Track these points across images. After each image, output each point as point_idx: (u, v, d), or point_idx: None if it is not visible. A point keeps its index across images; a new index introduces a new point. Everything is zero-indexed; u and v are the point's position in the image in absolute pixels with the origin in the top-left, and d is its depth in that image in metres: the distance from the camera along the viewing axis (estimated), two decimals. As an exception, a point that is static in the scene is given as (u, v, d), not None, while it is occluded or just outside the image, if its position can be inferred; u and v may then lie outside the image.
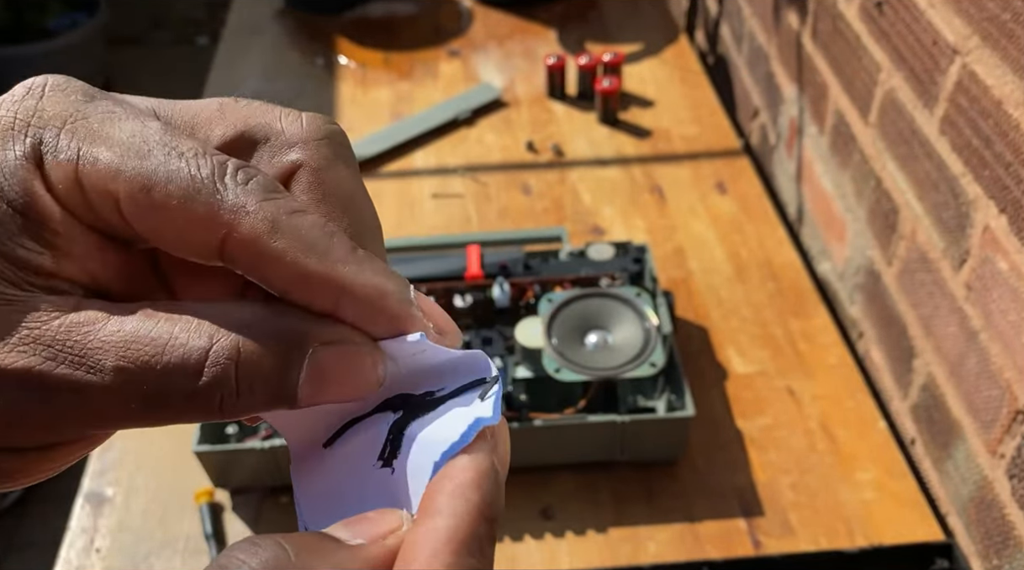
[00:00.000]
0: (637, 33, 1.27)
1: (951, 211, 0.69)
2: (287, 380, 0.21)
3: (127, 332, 0.20)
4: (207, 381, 0.20)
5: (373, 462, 0.23)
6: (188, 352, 0.20)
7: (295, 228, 0.21)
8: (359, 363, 0.22)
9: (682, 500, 0.72)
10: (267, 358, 0.21)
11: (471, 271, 0.79)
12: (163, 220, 0.21)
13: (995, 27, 0.61)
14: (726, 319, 0.86)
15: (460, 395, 0.23)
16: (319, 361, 0.21)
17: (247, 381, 0.21)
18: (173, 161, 0.21)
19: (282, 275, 0.21)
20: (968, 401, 0.68)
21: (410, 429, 0.23)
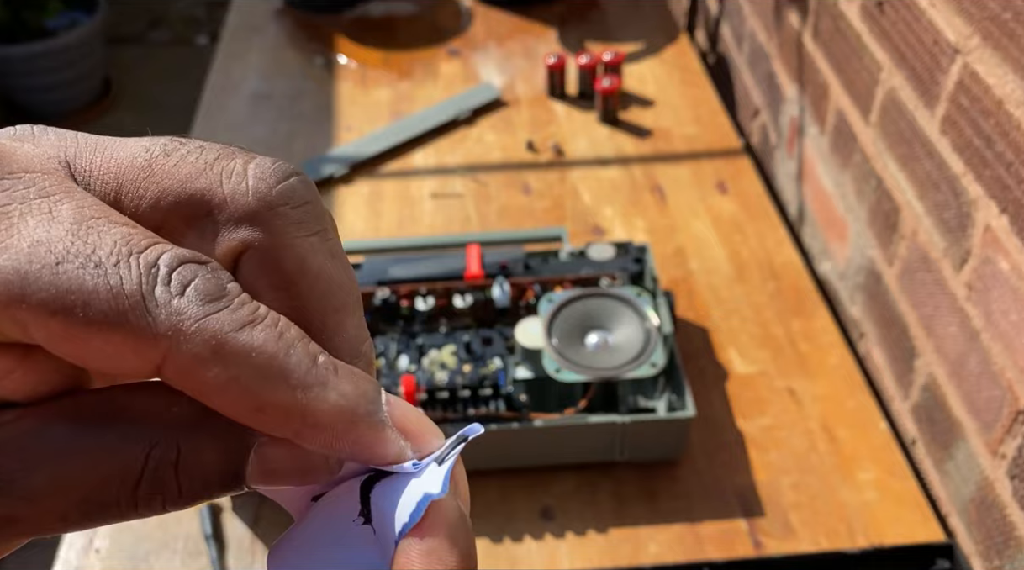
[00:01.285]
0: (637, 32, 1.27)
1: (952, 211, 0.69)
2: (232, 476, 0.20)
3: (55, 446, 0.18)
4: (146, 490, 0.19)
5: (354, 518, 0.22)
6: (124, 461, 0.19)
7: (243, 351, 0.18)
8: (307, 455, 0.20)
9: (683, 501, 0.72)
10: (209, 457, 0.19)
11: (471, 271, 0.79)
12: (84, 349, 0.18)
13: (996, 26, 0.61)
14: (727, 319, 0.86)
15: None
16: (265, 455, 0.20)
17: (188, 481, 0.19)
18: (89, 275, 0.17)
19: (231, 406, 0.18)
20: (969, 401, 0.68)
21: (374, 493, 0.22)
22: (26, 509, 0.19)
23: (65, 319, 0.17)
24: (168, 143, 0.20)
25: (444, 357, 0.75)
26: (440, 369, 0.74)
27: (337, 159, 1.05)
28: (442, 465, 0.22)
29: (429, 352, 0.76)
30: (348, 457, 0.21)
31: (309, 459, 0.20)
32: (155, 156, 0.20)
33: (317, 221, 0.21)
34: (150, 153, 0.20)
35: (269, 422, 0.19)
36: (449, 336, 0.78)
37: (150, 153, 0.20)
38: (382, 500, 0.21)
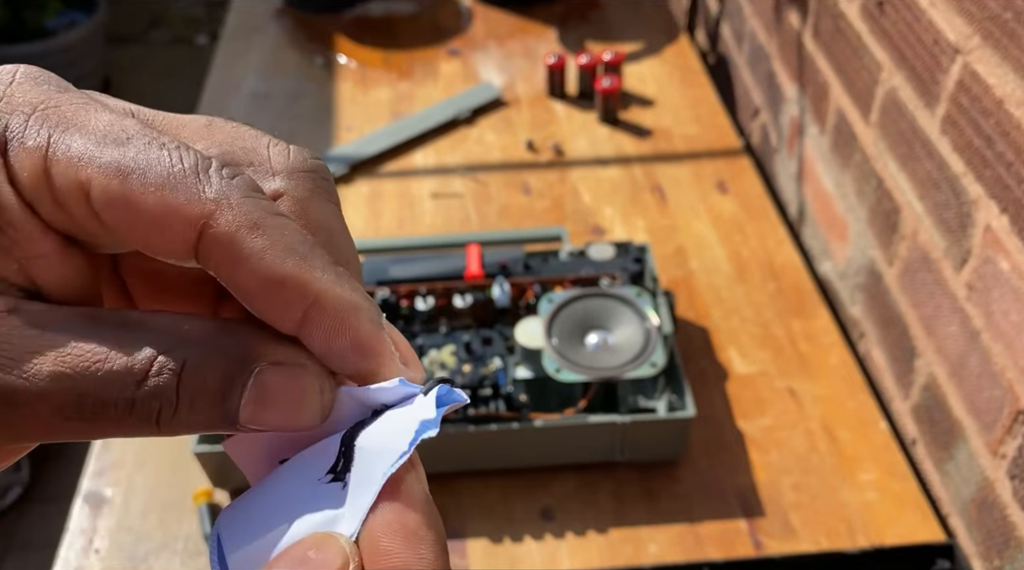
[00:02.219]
0: (638, 32, 1.27)
1: (952, 211, 0.68)
2: (229, 398, 0.20)
3: (68, 337, 0.19)
4: (148, 391, 0.19)
5: (321, 476, 0.22)
6: (132, 361, 0.19)
7: (277, 228, 0.20)
8: (305, 387, 0.21)
9: (683, 501, 0.72)
10: (211, 374, 0.20)
11: (471, 271, 0.79)
12: (137, 211, 0.20)
13: (996, 26, 0.60)
14: (727, 319, 0.86)
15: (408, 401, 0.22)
16: (264, 381, 0.20)
17: (188, 396, 0.20)
18: (153, 150, 0.20)
19: (257, 275, 0.20)
20: (969, 401, 0.68)
21: (359, 439, 0.22)
22: (26, 392, 0.19)
23: (126, 180, 0.19)
24: (228, 118, 0.23)
25: (444, 357, 0.75)
26: (440, 369, 0.74)
27: (337, 159, 1.05)
28: (428, 395, 0.22)
29: (429, 352, 0.76)
30: (346, 364, 0.22)
31: (304, 393, 0.21)
32: (215, 121, 0.23)
33: (336, 196, 0.24)
34: (211, 119, 0.23)
35: (287, 295, 0.20)
36: (449, 336, 0.77)
37: (211, 119, 0.23)
38: (369, 441, 0.21)
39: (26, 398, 0.19)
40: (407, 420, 0.21)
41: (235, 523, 0.22)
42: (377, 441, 0.21)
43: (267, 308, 0.21)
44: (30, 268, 0.21)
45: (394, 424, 0.21)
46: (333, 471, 0.22)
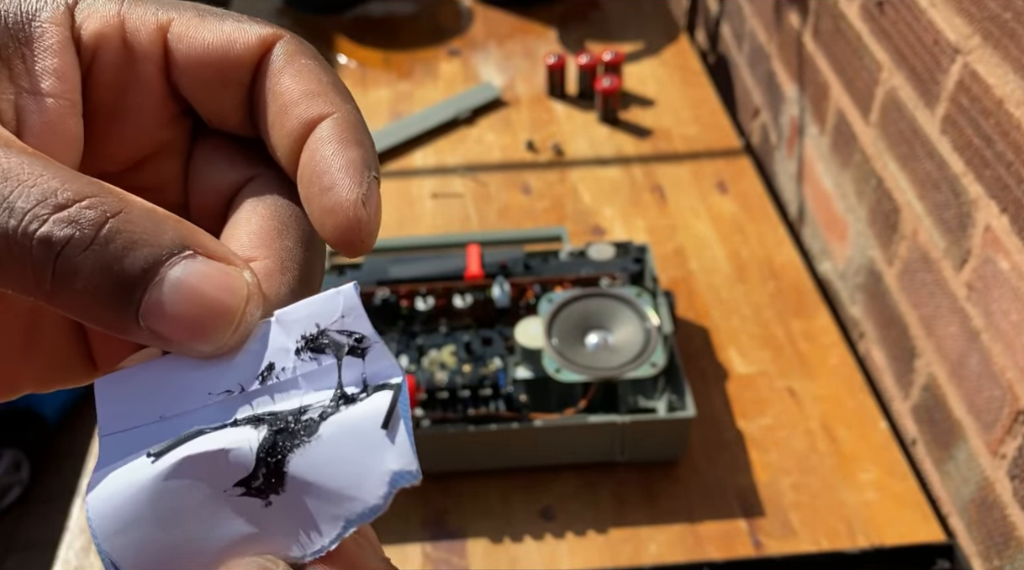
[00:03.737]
0: (637, 32, 1.27)
1: (952, 211, 0.68)
2: (144, 278, 0.18)
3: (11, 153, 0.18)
4: (54, 232, 0.17)
5: (228, 487, 0.19)
6: (48, 192, 0.18)
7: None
8: (233, 286, 0.19)
9: (683, 501, 0.72)
10: (140, 238, 0.18)
11: (471, 271, 0.79)
12: (209, 37, 0.21)
13: (996, 26, 0.60)
14: (727, 319, 0.86)
15: (343, 407, 0.20)
16: (191, 268, 0.19)
17: (103, 251, 0.18)
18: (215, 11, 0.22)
19: (300, 84, 0.22)
20: (969, 401, 0.68)
21: (293, 464, 0.19)
22: None
23: (202, 17, 0.22)
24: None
25: (444, 357, 0.75)
26: (440, 369, 0.74)
27: (337, 159, 1.05)
28: (393, 435, 0.19)
29: (429, 352, 0.76)
30: (330, 187, 0.21)
31: (230, 293, 0.19)
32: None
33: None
34: None
35: (314, 103, 0.22)
36: (449, 336, 0.77)
37: None
38: (311, 472, 0.19)
39: None
40: (369, 461, 0.19)
41: (120, 526, 0.19)
42: (325, 476, 0.19)
43: (294, 111, 0.21)
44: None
45: (348, 461, 0.19)
46: (247, 486, 0.19)
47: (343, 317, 0.20)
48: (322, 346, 0.20)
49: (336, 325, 0.20)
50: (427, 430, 0.69)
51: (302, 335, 0.20)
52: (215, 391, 0.20)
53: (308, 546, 0.19)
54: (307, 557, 0.19)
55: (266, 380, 0.20)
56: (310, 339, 0.20)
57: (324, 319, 0.20)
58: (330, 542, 0.19)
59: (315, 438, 0.19)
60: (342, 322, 0.20)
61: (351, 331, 0.20)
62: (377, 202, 0.21)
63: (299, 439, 0.19)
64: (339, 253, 0.22)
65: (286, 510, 0.19)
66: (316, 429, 0.19)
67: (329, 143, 0.21)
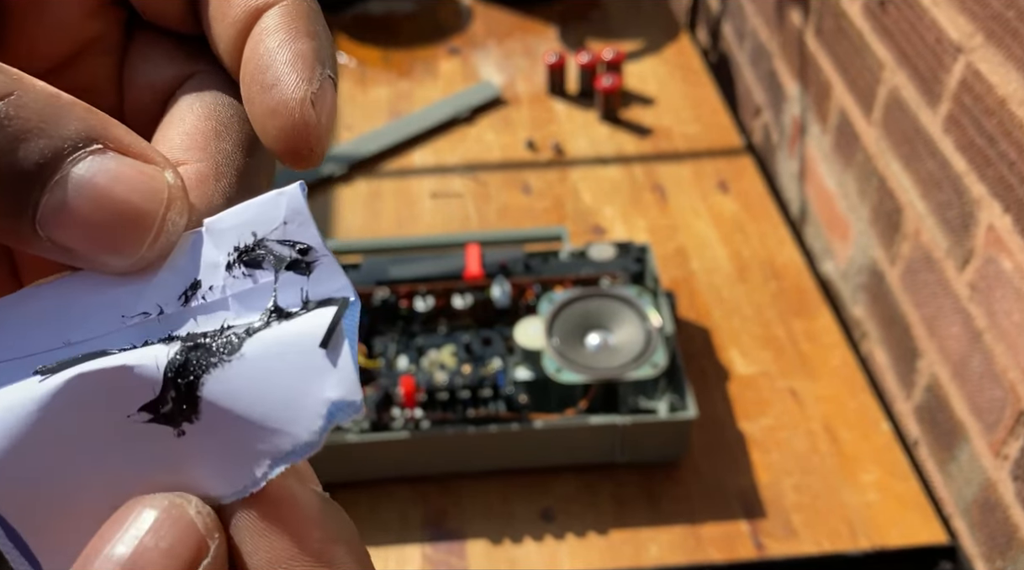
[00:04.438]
0: (638, 31, 1.26)
1: (955, 210, 0.68)
2: (33, 172, 0.15)
3: None
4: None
5: (132, 412, 0.16)
6: None
7: None
8: (152, 185, 0.16)
9: (684, 502, 0.72)
10: (37, 127, 0.15)
11: (471, 271, 0.79)
12: None
13: (999, 25, 0.60)
14: (728, 319, 0.86)
15: (275, 322, 0.17)
16: (101, 165, 0.16)
17: (5, 135, 0.15)
18: None
19: None
20: (972, 402, 0.67)
21: (208, 387, 0.16)
22: None
23: None
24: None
25: (443, 357, 0.75)
26: (439, 370, 0.74)
27: (336, 158, 1.05)
28: (333, 351, 0.16)
29: (428, 352, 0.76)
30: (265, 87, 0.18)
31: (149, 193, 0.16)
32: None
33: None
34: None
35: None
36: (449, 336, 0.77)
37: None
38: (233, 400, 0.16)
39: None
40: (302, 387, 0.16)
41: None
42: (247, 404, 0.16)
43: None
44: None
45: (276, 386, 0.16)
46: (154, 411, 0.16)
47: (285, 224, 0.17)
48: (258, 259, 0.17)
49: (276, 234, 0.17)
50: (427, 431, 0.69)
51: (235, 246, 0.17)
52: (130, 313, 0.17)
53: (229, 484, 0.16)
54: (227, 497, 0.16)
55: (190, 300, 0.17)
56: (244, 251, 0.17)
57: (262, 227, 0.17)
58: (253, 482, 0.16)
59: (236, 357, 0.16)
60: (284, 229, 0.17)
61: (294, 241, 0.17)
62: (331, 105, 0.18)
63: (216, 357, 0.16)
64: (285, 165, 0.18)
65: (202, 441, 0.16)
66: (239, 347, 0.16)
67: (275, 33, 0.18)
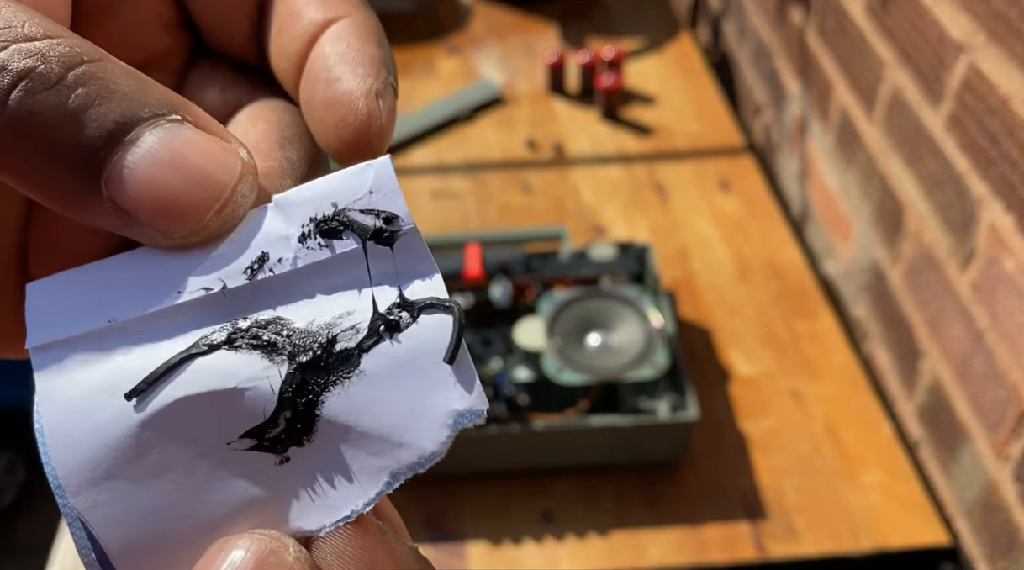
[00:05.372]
0: (639, 29, 1.26)
1: (957, 210, 0.68)
2: (109, 129, 0.15)
3: None
4: (12, 61, 0.14)
5: (231, 440, 0.15)
6: (14, 21, 0.15)
7: None
8: (224, 158, 0.16)
9: (685, 503, 0.71)
10: (107, 88, 0.15)
11: (471, 271, 0.79)
12: None
13: (1001, 24, 0.60)
14: (729, 320, 0.86)
15: (387, 335, 0.16)
16: (173, 133, 0.15)
17: (61, 97, 0.14)
18: None
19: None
20: (974, 402, 0.67)
21: (328, 405, 0.15)
22: None
23: None
24: None
25: (444, 358, 0.75)
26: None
27: (336, 158, 1.04)
28: (459, 367, 0.15)
29: (428, 353, 0.75)
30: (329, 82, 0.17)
31: (218, 162, 0.16)
32: None
33: None
34: None
35: None
36: (449, 337, 0.77)
37: None
38: (354, 415, 0.15)
39: None
40: (427, 401, 0.15)
41: (94, 480, 0.15)
42: (369, 420, 0.15)
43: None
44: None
45: (399, 401, 0.15)
46: (259, 436, 0.15)
47: (371, 193, 0.16)
48: (337, 229, 0.16)
49: (360, 204, 0.16)
50: (426, 432, 0.69)
51: (311, 217, 0.16)
52: (187, 289, 0.15)
53: (333, 513, 0.15)
54: (326, 528, 0.15)
55: (256, 274, 0.16)
56: (321, 221, 0.16)
57: (344, 198, 0.16)
58: (364, 504, 0.15)
59: (356, 374, 0.15)
60: (369, 199, 0.16)
61: (379, 210, 0.16)
62: (392, 107, 0.18)
63: (335, 375, 0.15)
64: (340, 162, 0.18)
65: (307, 467, 0.15)
66: (357, 363, 0.15)
67: (341, 39, 0.18)
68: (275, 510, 0.15)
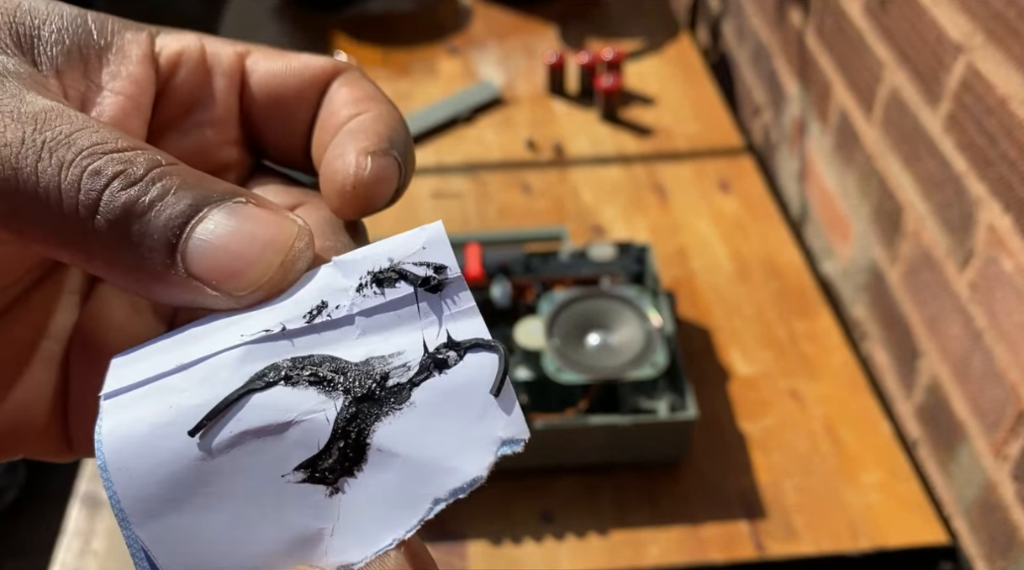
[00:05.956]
0: (639, 30, 1.26)
1: (955, 210, 0.68)
2: (184, 212, 0.17)
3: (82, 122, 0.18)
4: (106, 166, 0.17)
5: (285, 473, 0.16)
6: (108, 138, 0.18)
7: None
8: (280, 226, 0.18)
9: (684, 503, 0.72)
10: (182, 182, 0.18)
11: (471, 271, 0.79)
12: (287, 68, 0.23)
13: (1000, 24, 0.60)
14: (729, 319, 0.86)
15: (436, 372, 0.17)
16: (236, 208, 0.18)
17: (143, 192, 0.17)
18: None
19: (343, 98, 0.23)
20: (973, 402, 0.67)
21: (379, 434, 0.16)
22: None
23: (281, 54, 0.24)
24: None
25: (444, 358, 0.75)
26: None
27: (336, 158, 1.04)
28: (503, 399, 0.16)
29: (429, 353, 0.75)
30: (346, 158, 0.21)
31: (276, 228, 0.18)
32: None
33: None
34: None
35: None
36: (449, 337, 0.77)
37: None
38: (403, 444, 0.16)
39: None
40: (473, 430, 0.16)
41: (156, 510, 0.16)
42: (417, 448, 0.16)
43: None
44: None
45: (447, 430, 0.16)
46: (312, 468, 0.16)
47: (423, 249, 0.17)
48: (391, 278, 0.17)
49: (414, 258, 0.17)
50: (427, 431, 0.69)
51: (368, 270, 0.17)
52: (249, 332, 0.16)
53: (375, 543, 0.16)
54: (367, 558, 0.16)
55: (314, 319, 0.17)
56: (378, 273, 0.17)
57: (400, 254, 0.17)
58: (406, 531, 0.16)
59: (407, 405, 0.16)
60: (421, 254, 0.17)
61: (431, 262, 0.17)
62: (387, 165, 0.20)
63: (388, 407, 0.16)
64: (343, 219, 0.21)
65: (356, 498, 0.16)
66: (408, 396, 0.16)
67: (358, 126, 0.22)
68: (322, 543, 0.16)
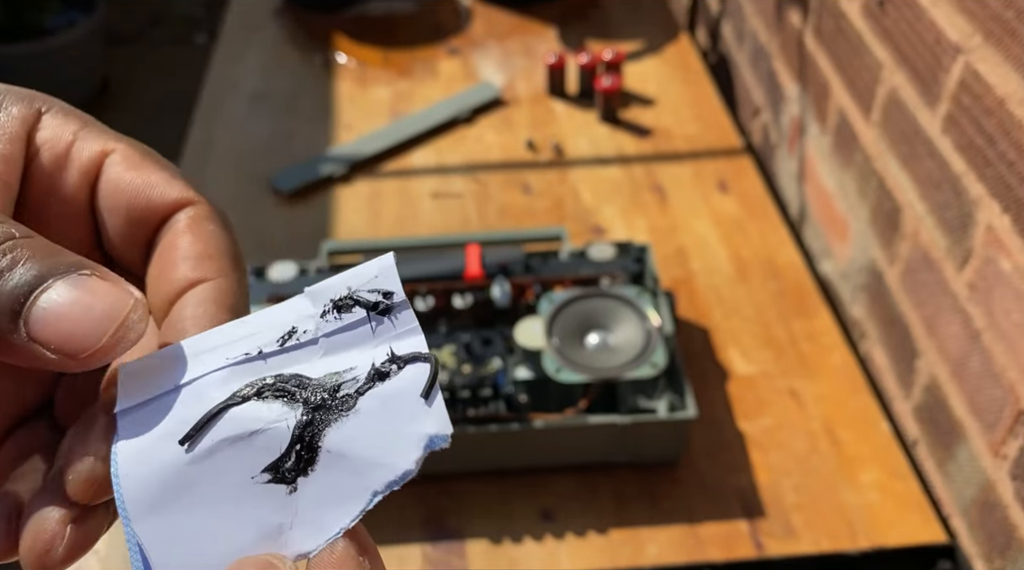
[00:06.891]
0: (638, 31, 1.27)
1: (954, 210, 0.68)
2: (30, 282, 0.19)
3: None
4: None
5: (254, 475, 0.19)
6: None
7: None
8: (115, 293, 0.20)
9: (683, 502, 0.72)
10: (31, 254, 0.19)
11: (471, 271, 0.79)
12: (147, 176, 0.23)
13: (998, 25, 0.60)
14: (728, 319, 0.86)
15: (378, 382, 0.20)
16: (77, 280, 0.19)
17: (14, 256, 0.19)
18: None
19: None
20: (971, 402, 0.68)
21: (328, 438, 0.19)
22: None
23: (147, 154, 0.24)
24: None
25: (443, 357, 0.75)
26: (440, 370, 0.74)
27: (336, 158, 1.05)
28: (432, 403, 0.20)
29: (429, 352, 0.76)
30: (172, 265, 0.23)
31: (110, 297, 0.19)
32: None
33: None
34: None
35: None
36: (448, 336, 0.77)
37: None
38: (347, 445, 0.19)
39: None
40: (407, 431, 0.19)
41: (152, 509, 0.19)
42: (359, 448, 0.19)
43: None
44: None
45: (384, 431, 0.19)
46: (276, 470, 0.19)
47: (376, 277, 0.21)
48: (349, 304, 0.21)
49: (367, 286, 0.21)
50: (427, 431, 0.69)
51: (331, 299, 0.21)
52: (232, 355, 0.20)
53: (325, 533, 0.19)
54: (319, 546, 0.19)
55: (286, 343, 0.20)
56: (337, 300, 0.21)
57: (356, 283, 0.21)
58: (351, 520, 0.18)
59: (353, 412, 0.19)
60: (374, 281, 0.21)
61: (381, 289, 0.21)
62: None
63: (336, 414, 0.19)
64: None
65: (309, 495, 0.19)
66: (354, 404, 0.19)
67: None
68: (283, 535, 0.19)
